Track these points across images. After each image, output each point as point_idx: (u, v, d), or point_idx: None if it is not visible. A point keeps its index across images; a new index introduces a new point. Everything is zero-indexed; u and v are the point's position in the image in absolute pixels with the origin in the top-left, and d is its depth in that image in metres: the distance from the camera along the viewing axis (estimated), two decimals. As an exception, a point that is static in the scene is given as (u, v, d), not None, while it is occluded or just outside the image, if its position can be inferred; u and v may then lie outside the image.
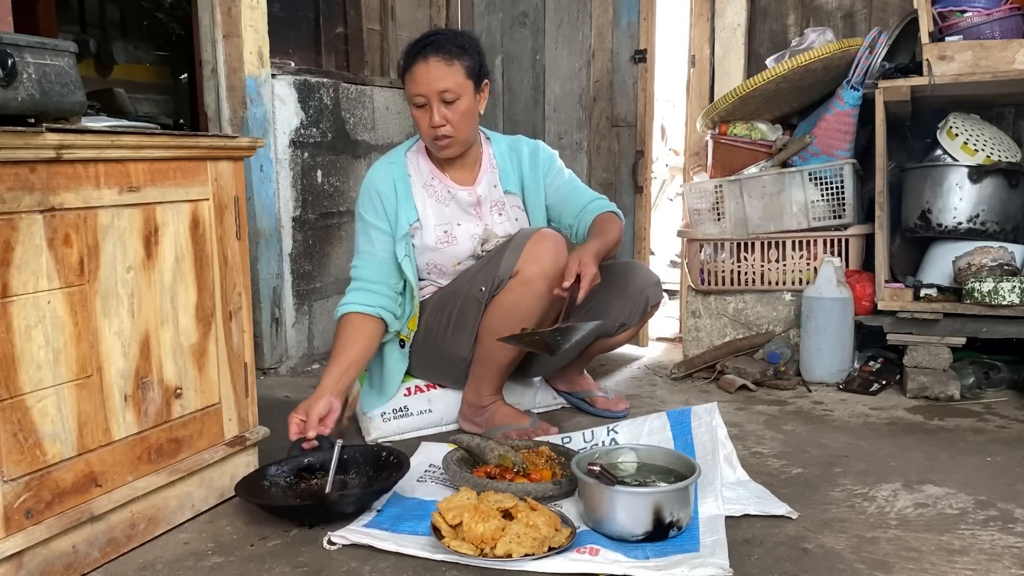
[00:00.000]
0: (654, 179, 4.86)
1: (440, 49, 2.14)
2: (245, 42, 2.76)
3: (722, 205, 3.05)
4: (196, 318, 1.74)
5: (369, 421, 2.31)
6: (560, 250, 2.14)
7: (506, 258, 2.14)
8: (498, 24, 3.78)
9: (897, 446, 2.19)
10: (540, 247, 2.12)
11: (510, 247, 2.16)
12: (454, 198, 2.30)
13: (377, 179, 2.27)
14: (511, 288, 2.13)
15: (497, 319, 2.16)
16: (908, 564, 1.55)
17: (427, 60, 2.13)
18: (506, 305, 2.14)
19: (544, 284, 2.11)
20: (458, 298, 2.23)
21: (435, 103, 2.14)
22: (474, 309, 2.19)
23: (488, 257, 2.23)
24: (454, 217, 2.30)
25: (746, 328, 3.04)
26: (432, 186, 2.30)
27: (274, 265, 2.94)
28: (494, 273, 2.15)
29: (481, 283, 2.18)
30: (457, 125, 2.18)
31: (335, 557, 1.59)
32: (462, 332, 2.23)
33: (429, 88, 2.13)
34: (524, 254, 2.12)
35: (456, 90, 2.14)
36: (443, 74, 2.13)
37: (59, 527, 1.45)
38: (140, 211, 1.60)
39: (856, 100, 2.90)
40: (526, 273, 2.11)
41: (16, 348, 1.37)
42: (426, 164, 2.32)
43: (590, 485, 1.65)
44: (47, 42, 1.39)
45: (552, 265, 2.10)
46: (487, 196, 2.32)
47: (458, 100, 2.15)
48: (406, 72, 2.18)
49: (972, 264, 2.68)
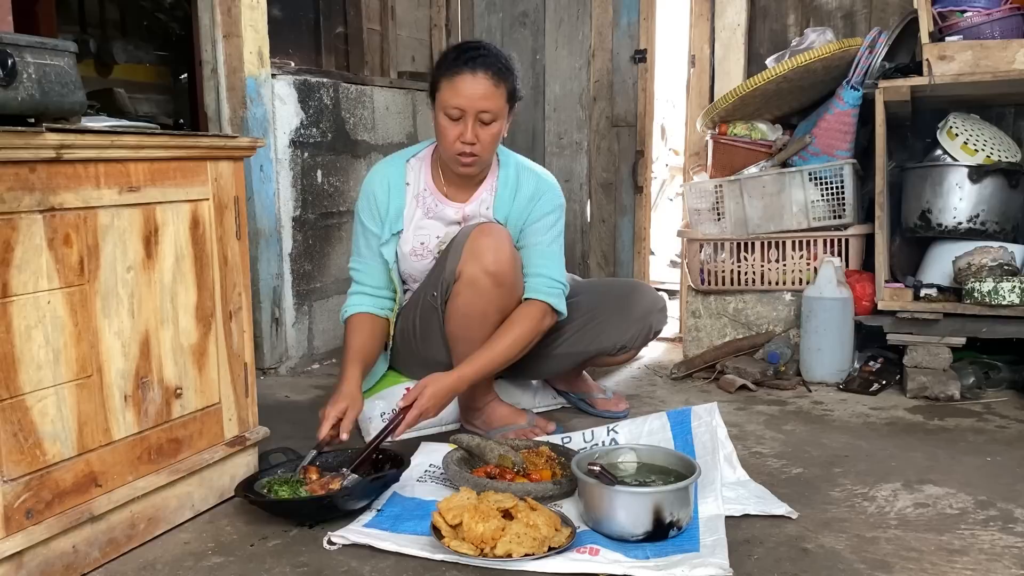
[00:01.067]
0: (654, 179, 4.86)
1: (490, 67, 2.05)
2: (245, 42, 2.76)
3: (722, 205, 3.05)
4: (196, 318, 1.74)
5: (368, 421, 2.31)
6: (501, 243, 2.07)
7: (450, 260, 2.11)
8: (498, 24, 3.78)
9: (897, 446, 2.19)
10: (478, 244, 2.06)
11: (452, 247, 2.13)
12: (439, 214, 2.25)
13: (375, 182, 2.25)
14: (458, 292, 2.09)
15: (457, 324, 2.14)
16: (908, 564, 1.55)
17: (476, 73, 2.04)
18: (460, 309, 2.11)
19: (488, 281, 2.06)
20: (417, 306, 2.23)
21: (471, 119, 2.06)
22: (433, 315, 2.19)
23: (438, 259, 2.21)
24: (433, 231, 2.25)
25: (746, 328, 3.04)
26: (423, 198, 2.25)
27: (274, 265, 2.94)
28: (441, 277, 2.13)
29: (432, 288, 2.16)
30: (486, 146, 2.11)
31: (335, 557, 1.59)
32: (429, 338, 2.23)
33: (471, 103, 2.04)
34: (465, 253, 2.07)
35: (495, 112, 2.08)
36: (489, 93, 2.05)
37: (59, 527, 1.45)
38: (140, 211, 1.60)
39: (856, 100, 2.90)
40: (468, 274, 2.06)
41: (16, 348, 1.37)
42: (426, 174, 2.26)
43: (590, 485, 1.65)
44: (47, 42, 1.39)
45: (493, 260, 2.05)
46: (474, 215, 2.25)
47: (493, 122, 2.09)
48: (446, 78, 2.07)
49: (972, 264, 2.68)
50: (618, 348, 2.35)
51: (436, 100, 2.11)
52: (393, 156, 2.32)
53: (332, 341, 3.24)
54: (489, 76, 2.05)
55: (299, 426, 2.38)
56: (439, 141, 2.16)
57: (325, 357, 3.20)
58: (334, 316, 3.23)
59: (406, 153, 2.31)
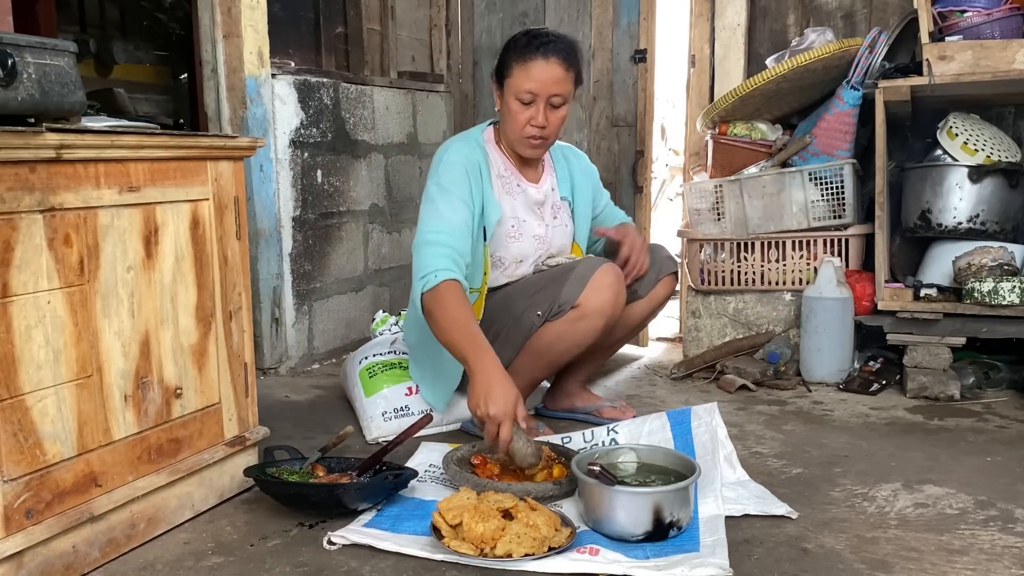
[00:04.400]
0: (654, 179, 4.86)
1: (562, 52, 2.10)
2: (245, 42, 2.76)
3: (722, 205, 3.05)
4: (196, 318, 1.74)
5: (370, 420, 2.31)
6: (621, 288, 2.16)
7: (568, 287, 2.13)
8: (498, 24, 3.78)
9: (897, 446, 2.19)
10: (603, 282, 2.12)
11: (574, 275, 2.15)
12: (524, 192, 2.28)
13: (464, 157, 2.16)
14: (568, 319, 2.14)
15: (545, 342, 2.18)
16: (908, 564, 1.55)
17: (548, 59, 2.08)
18: (557, 333, 2.16)
19: (600, 322, 2.14)
20: (511, 316, 2.21)
21: (543, 103, 2.11)
22: (526, 331, 2.19)
23: (549, 279, 2.20)
24: (521, 212, 2.28)
25: (746, 328, 3.04)
26: (505, 177, 2.27)
27: (274, 265, 2.94)
28: (555, 299, 2.14)
29: (539, 307, 2.16)
30: (554, 129, 2.17)
31: (335, 557, 1.59)
32: (506, 347, 2.21)
33: (544, 87, 2.09)
34: (588, 288, 2.11)
35: (565, 96, 2.13)
36: (560, 77, 2.10)
37: (59, 527, 1.45)
38: (140, 211, 1.60)
39: (856, 100, 2.90)
40: (586, 307, 2.12)
41: (16, 348, 1.37)
42: (498, 154, 2.27)
43: (590, 485, 1.65)
44: (47, 42, 1.39)
45: (612, 304, 2.13)
46: (548, 197, 2.33)
47: (562, 106, 2.14)
48: (518, 62, 2.10)
49: (972, 264, 2.68)
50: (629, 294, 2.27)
51: (506, 85, 2.14)
52: (467, 135, 2.27)
53: (332, 341, 3.24)
54: (560, 61, 2.10)
55: (299, 426, 2.39)
56: (508, 124, 2.18)
57: (325, 357, 3.20)
58: (334, 316, 3.24)
59: (476, 133, 2.29)
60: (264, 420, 1.99)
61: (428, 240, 2.03)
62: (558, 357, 2.23)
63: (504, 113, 2.19)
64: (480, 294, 2.23)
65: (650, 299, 2.38)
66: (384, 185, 3.48)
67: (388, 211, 3.51)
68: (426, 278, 1.96)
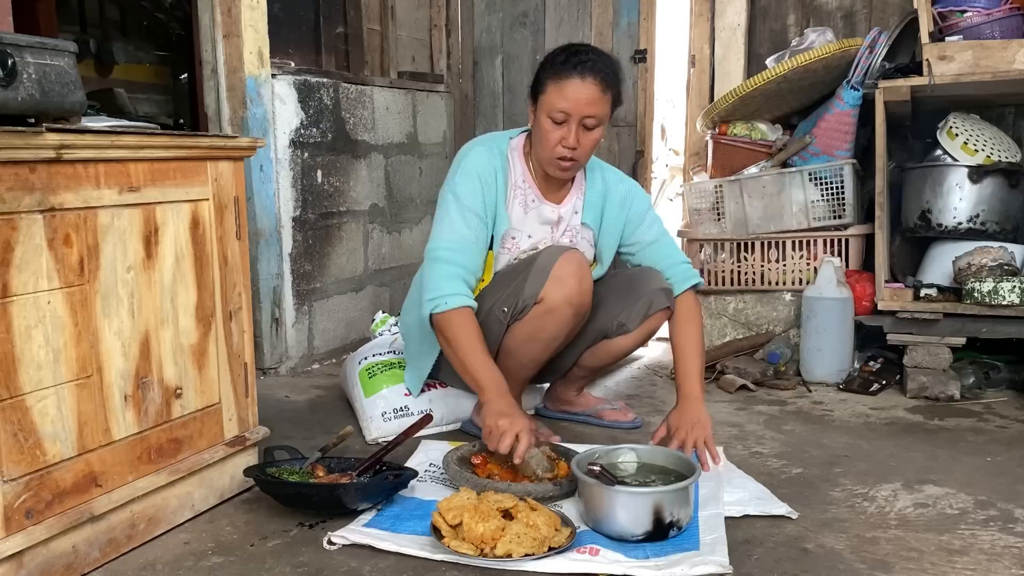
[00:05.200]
0: (654, 179, 4.86)
1: (599, 72, 2.01)
2: (245, 42, 2.76)
3: (722, 205, 3.05)
4: (196, 318, 1.74)
5: (369, 421, 2.31)
6: (584, 272, 2.10)
7: (530, 281, 2.08)
8: (498, 24, 3.78)
9: (897, 446, 2.19)
10: (564, 271, 2.06)
11: (534, 269, 2.09)
12: (538, 209, 2.20)
13: (482, 164, 2.12)
14: (535, 315, 2.09)
15: (519, 342, 2.15)
16: (908, 564, 1.55)
17: (584, 78, 1.99)
18: (532, 332, 2.12)
19: (568, 311, 2.08)
20: (481, 314, 2.13)
21: (575, 124, 2.02)
22: (496, 328, 2.15)
23: (514, 273, 2.16)
24: (528, 227, 2.21)
25: (746, 328, 3.04)
26: (522, 189, 2.19)
27: (274, 265, 2.94)
28: (518, 296, 2.10)
29: (504, 304, 2.12)
30: (586, 152, 2.08)
31: (335, 557, 1.59)
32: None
33: (578, 108, 2.00)
34: (550, 280, 2.06)
35: (600, 118, 2.04)
36: (596, 99, 2.01)
37: (59, 527, 1.45)
38: (140, 211, 1.60)
39: (856, 100, 2.90)
40: (551, 301, 2.06)
41: (16, 348, 1.37)
42: (521, 165, 2.19)
43: (590, 485, 1.65)
44: (47, 42, 1.39)
45: (577, 291, 2.07)
46: (567, 219, 2.24)
47: (596, 128, 2.05)
48: (553, 80, 2.02)
49: (972, 264, 2.68)
50: (616, 326, 2.25)
51: (540, 101, 2.06)
52: (492, 139, 2.22)
53: (332, 341, 3.24)
54: (597, 82, 2.01)
55: (299, 426, 2.39)
56: (539, 142, 2.09)
57: (325, 357, 3.20)
58: (334, 316, 3.24)
59: (503, 138, 2.23)
60: (264, 420, 1.99)
61: (439, 257, 2.05)
62: (538, 354, 2.18)
63: (536, 130, 2.10)
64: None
65: (637, 335, 2.27)
66: (384, 185, 3.48)
67: (388, 211, 3.51)
68: (435, 301, 2.00)
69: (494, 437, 1.84)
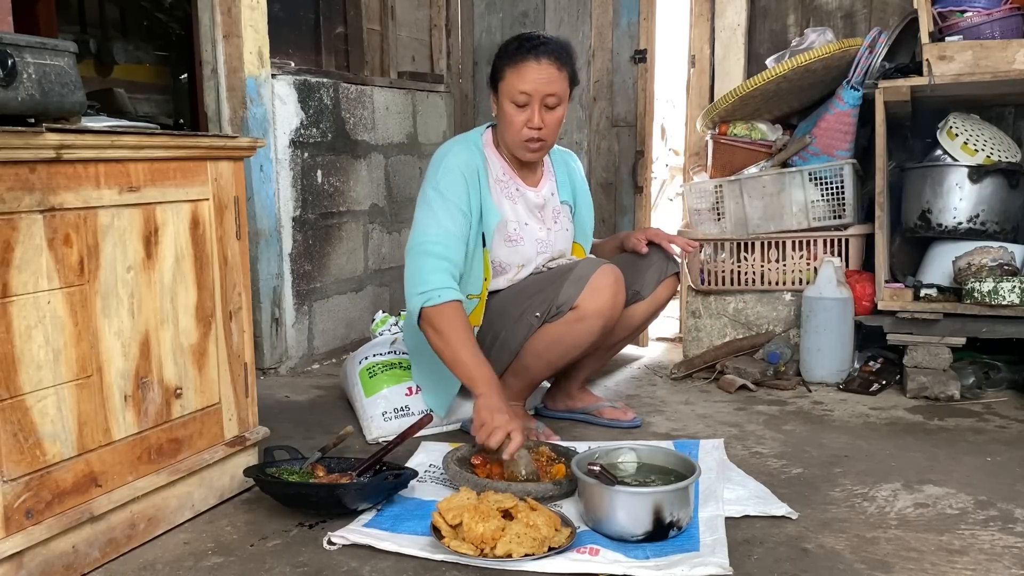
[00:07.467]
0: (654, 179, 4.86)
1: (553, 53, 2.12)
2: (245, 42, 2.76)
3: (722, 205, 3.05)
4: (196, 318, 1.74)
5: (370, 420, 2.31)
6: (620, 288, 2.14)
7: (566, 288, 2.12)
8: (498, 24, 3.78)
9: (897, 446, 2.19)
10: (601, 283, 2.11)
11: (572, 277, 2.14)
12: (523, 197, 2.28)
13: (462, 162, 2.17)
14: (567, 320, 2.13)
15: (543, 343, 2.17)
16: (908, 564, 1.55)
17: (540, 60, 2.10)
18: (555, 334, 2.15)
19: (599, 323, 2.12)
20: (510, 318, 2.20)
21: (537, 105, 2.12)
22: (524, 332, 2.18)
23: (548, 280, 2.20)
24: (522, 217, 2.28)
25: (746, 328, 3.04)
26: (503, 182, 2.26)
27: (274, 265, 2.94)
28: (553, 300, 2.13)
29: (537, 308, 2.16)
30: (551, 131, 2.17)
31: (335, 557, 1.59)
32: (505, 350, 2.21)
33: (537, 89, 2.10)
34: (587, 289, 2.10)
35: (560, 96, 2.14)
36: (553, 78, 2.11)
37: (59, 527, 1.45)
38: (140, 211, 1.60)
39: (856, 100, 2.90)
40: (585, 309, 2.11)
41: (16, 348, 1.37)
42: (497, 159, 2.26)
43: (590, 485, 1.65)
44: (47, 42, 1.39)
45: (611, 305, 2.12)
46: (548, 201, 2.33)
47: (558, 107, 2.15)
48: (511, 66, 2.12)
49: (972, 264, 2.68)
50: (632, 294, 2.31)
51: (500, 89, 2.16)
52: (465, 138, 2.27)
53: (332, 341, 3.24)
54: (552, 61, 2.11)
55: (299, 426, 2.39)
56: (506, 128, 2.18)
57: (325, 357, 3.20)
58: (334, 316, 3.24)
59: (475, 136, 2.28)
60: (264, 420, 1.99)
61: (428, 251, 2.06)
62: (557, 359, 2.22)
63: (500, 118, 2.19)
64: (480, 300, 2.23)
65: (651, 301, 2.37)
66: (384, 185, 3.48)
67: (388, 211, 3.51)
68: (428, 295, 2.01)
69: (486, 430, 1.85)
